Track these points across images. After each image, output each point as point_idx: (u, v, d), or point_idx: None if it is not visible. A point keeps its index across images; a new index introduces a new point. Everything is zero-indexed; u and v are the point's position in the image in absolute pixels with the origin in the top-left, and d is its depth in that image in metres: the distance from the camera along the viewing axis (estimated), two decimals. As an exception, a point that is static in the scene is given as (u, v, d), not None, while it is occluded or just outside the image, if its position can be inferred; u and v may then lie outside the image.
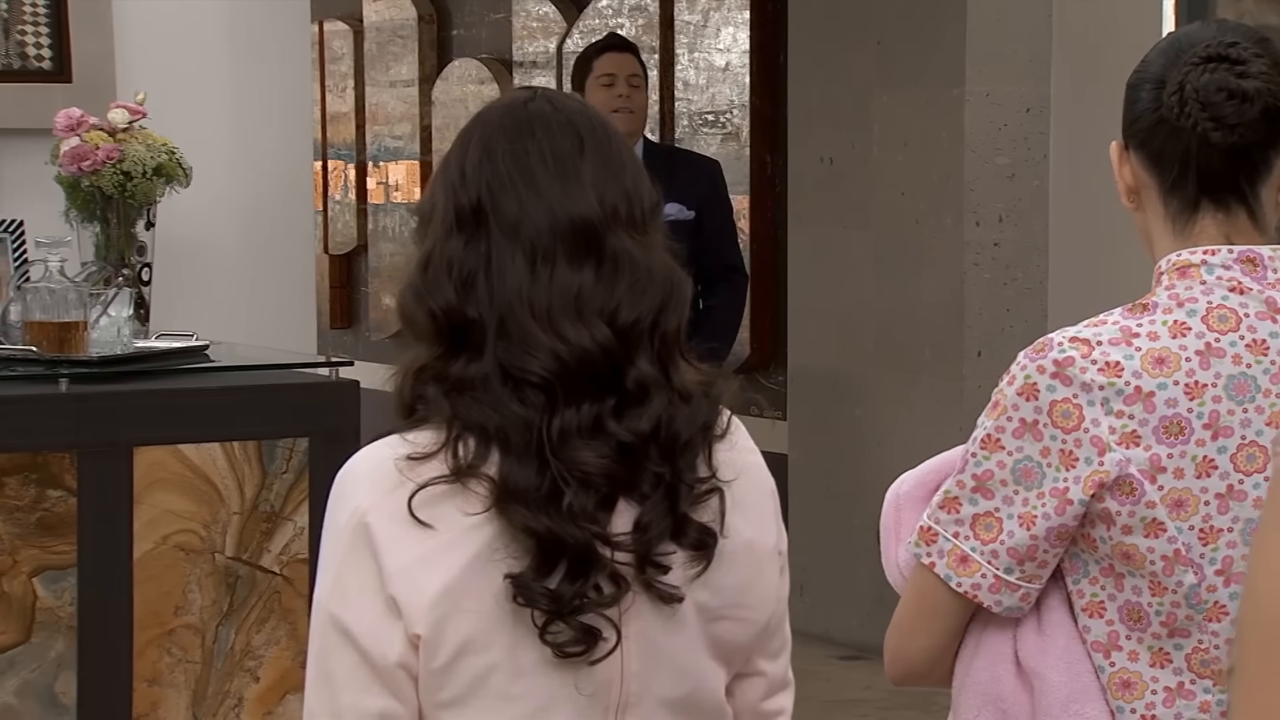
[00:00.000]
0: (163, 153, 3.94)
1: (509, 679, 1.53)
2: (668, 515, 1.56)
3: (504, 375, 1.53)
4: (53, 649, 3.37)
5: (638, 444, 1.54)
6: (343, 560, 1.53)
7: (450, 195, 1.58)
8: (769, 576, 1.67)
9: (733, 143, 5.97)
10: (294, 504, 3.61)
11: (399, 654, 1.52)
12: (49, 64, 4.48)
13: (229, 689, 3.57)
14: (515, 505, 1.51)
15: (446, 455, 1.53)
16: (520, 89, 1.66)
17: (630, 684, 1.58)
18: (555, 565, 1.52)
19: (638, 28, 6.23)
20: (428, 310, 1.56)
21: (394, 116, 7.34)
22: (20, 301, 3.57)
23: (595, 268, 1.56)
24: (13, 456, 3.32)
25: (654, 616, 1.58)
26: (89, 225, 3.95)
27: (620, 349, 1.55)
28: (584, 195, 1.57)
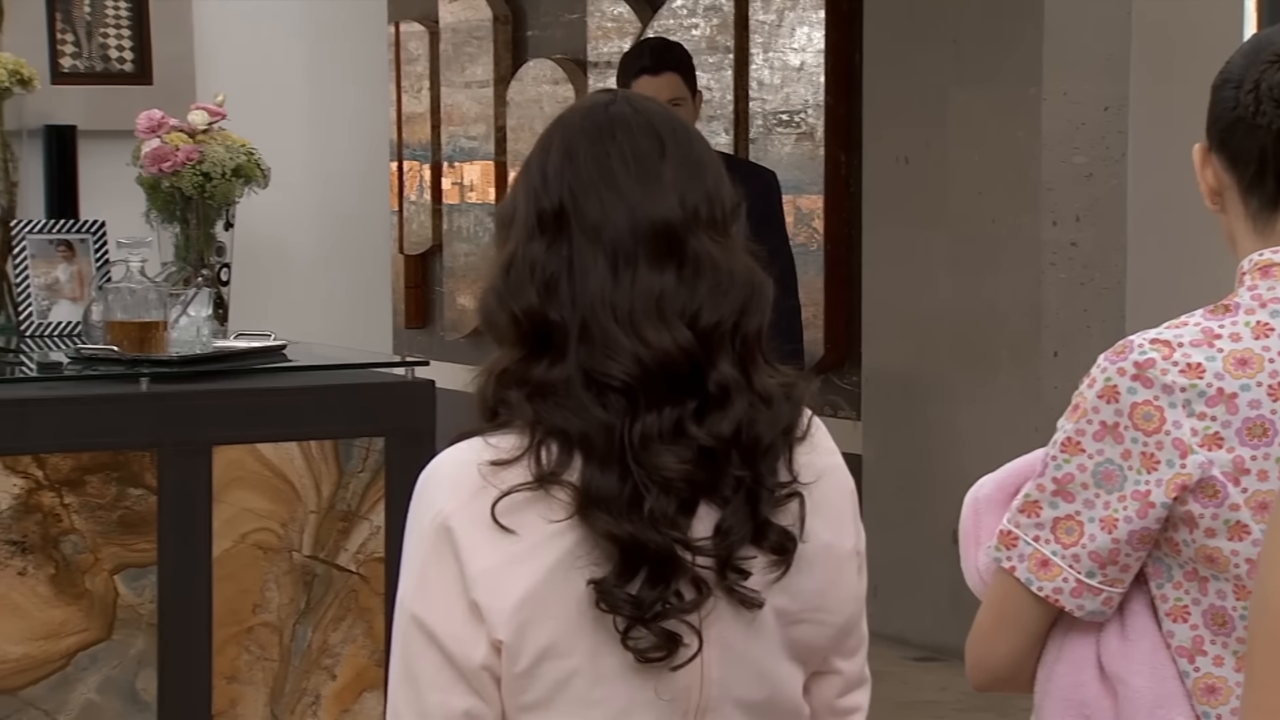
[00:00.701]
0: (241, 154, 3.97)
1: (590, 684, 1.54)
2: (748, 519, 1.56)
3: (586, 379, 1.53)
4: (134, 646, 3.40)
5: (719, 448, 1.54)
6: (425, 562, 1.54)
7: (532, 198, 1.58)
8: (847, 579, 1.66)
9: (807, 142, 5.96)
10: (370, 503, 3.63)
11: (482, 657, 1.52)
12: (130, 66, 4.53)
13: (306, 686, 3.59)
14: (597, 512, 1.51)
15: (529, 461, 1.53)
16: (600, 92, 1.66)
17: (710, 689, 1.58)
18: (637, 571, 1.51)
19: (712, 28, 6.22)
20: (510, 313, 1.56)
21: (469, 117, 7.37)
22: (102, 301, 3.60)
23: (676, 270, 1.56)
24: (95, 455, 3.35)
25: (734, 621, 1.57)
26: (169, 226, 3.99)
27: (702, 352, 1.54)
28: (665, 197, 1.57)
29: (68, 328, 4.02)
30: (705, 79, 6.26)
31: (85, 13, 4.48)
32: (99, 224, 4.13)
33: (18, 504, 3.29)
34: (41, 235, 4.08)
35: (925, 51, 5.56)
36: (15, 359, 3.88)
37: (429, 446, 3.65)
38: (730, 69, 6.16)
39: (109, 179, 4.21)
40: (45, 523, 3.32)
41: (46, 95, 4.30)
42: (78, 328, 3.91)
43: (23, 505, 3.30)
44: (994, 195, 5.42)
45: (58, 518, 3.32)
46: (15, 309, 4.10)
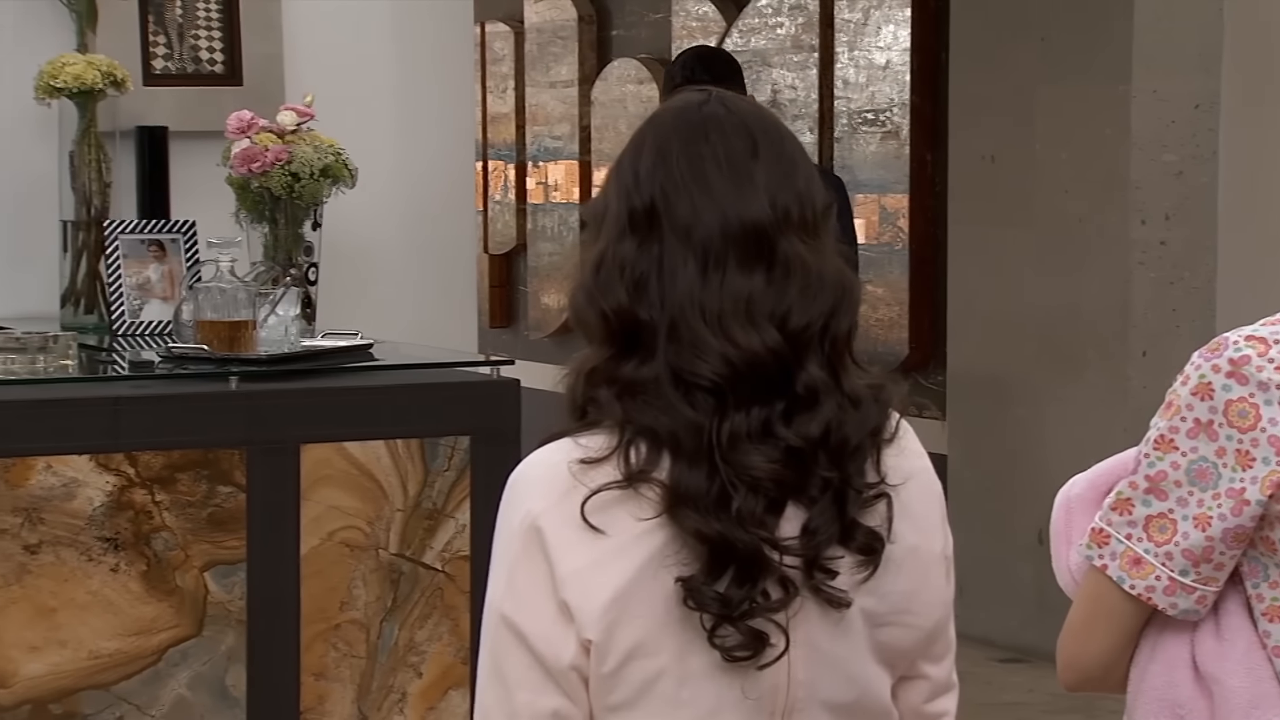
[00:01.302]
0: (329, 154, 3.99)
1: (677, 684, 1.54)
2: (836, 520, 1.55)
3: (674, 378, 1.53)
4: (223, 642, 3.43)
5: (807, 448, 1.54)
6: (515, 563, 1.54)
7: (624, 197, 1.58)
8: (935, 582, 1.66)
9: (892, 141, 5.93)
10: (455, 501, 3.65)
11: (571, 657, 1.52)
12: (221, 67, 4.57)
13: (393, 684, 3.61)
14: (686, 510, 1.51)
15: (619, 460, 1.53)
16: (694, 91, 1.65)
17: (796, 690, 1.57)
18: (725, 569, 1.51)
19: (797, 26, 6.20)
20: (599, 311, 1.56)
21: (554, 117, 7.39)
22: (192, 301, 3.64)
23: (766, 272, 1.55)
24: (185, 453, 3.39)
25: (821, 622, 1.57)
26: (258, 226, 4.02)
27: (790, 353, 1.54)
28: (757, 198, 1.56)
29: (159, 327, 4.06)
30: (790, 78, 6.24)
31: (177, 15, 4.53)
32: (189, 224, 4.17)
33: (110, 501, 3.33)
34: (133, 235, 4.12)
35: (1013, 49, 5.52)
36: (108, 358, 3.92)
37: (514, 445, 3.66)
38: (815, 68, 6.14)
39: (199, 179, 4.25)
40: (137, 520, 3.35)
41: (139, 96, 4.35)
42: (168, 327, 3.95)
43: (115, 503, 3.33)
44: (1081, 194, 5.37)
45: (149, 515, 3.36)
46: (108, 308, 4.14)
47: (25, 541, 3.28)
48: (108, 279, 4.13)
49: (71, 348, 3.54)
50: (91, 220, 4.23)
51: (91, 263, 4.23)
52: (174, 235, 4.17)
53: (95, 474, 3.31)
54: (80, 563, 3.31)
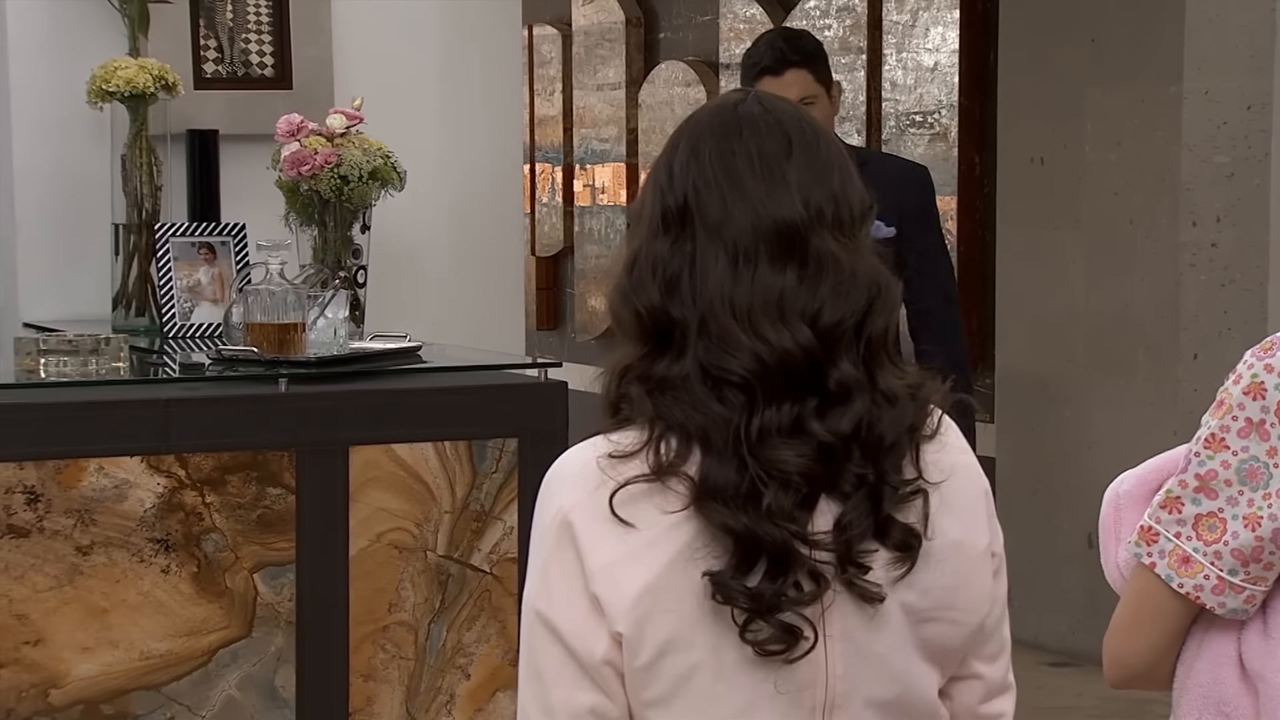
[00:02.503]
0: (378, 157, 4.01)
1: (713, 678, 1.54)
2: (869, 515, 1.56)
3: (704, 375, 1.54)
4: (273, 643, 3.45)
5: (838, 444, 1.54)
6: (548, 559, 1.55)
7: (658, 196, 1.59)
8: (980, 578, 1.65)
9: (940, 143, 5.91)
10: (503, 503, 3.65)
11: (604, 651, 1.53)
12: (271, 71, 4.60)
13: (441, 685, 3.62)
14: (714, 504, 1.52)
15: (648, 454, 1.54)
16: (733, 91, 1.66)
17: (836, 685, 1.57)
18: (754, 564, 1.52)
19: (845, 28, 6.20)
20: (633, 310, 1.57)
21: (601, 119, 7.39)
22: (242, 303, 3.65)
23: (798, 269, 1.56)
24: (235, 455, 3.40)
25: (857, 616, 1.57)
26: (307, 229, 4.04)
27: (822, 351, 1.54)
28: (789, 197, 1.57)
29: (209, 329, 4.08)
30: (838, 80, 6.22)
31: (228, 18, 4.55)
32: (239, 227, 4.20)
33: (161, 503, 3.35)
34: (184, 238, 4.15)
35: (1062, 50, 5.49)
36: (159, 360, 3.94)
37: (561, 447, 3.63)
38: (863, 70, 6.13)
39: (249, 182, 4.28)
40: (187, 521, 3.37)
41: (190, 100, 4.37)
42: (218, 329, 3.97)
43: (166, 504, 3.35)
44: (1131, 196, 5.34)
45: (199, 516, 3.38)
46: (158, 311, 4.17)
47: (77, 543, 3.30)
48: (158, 282, 4.15)
49: (123, 350, 3.56)
50: (142, 223, 4.26)
51: (142, 265, 4.26)
52: (224, 238, 4.19)
53: (146, 475, 3.33)
54: (131, 564, 3.33)
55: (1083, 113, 5.45)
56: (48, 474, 3.28)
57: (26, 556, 3.27)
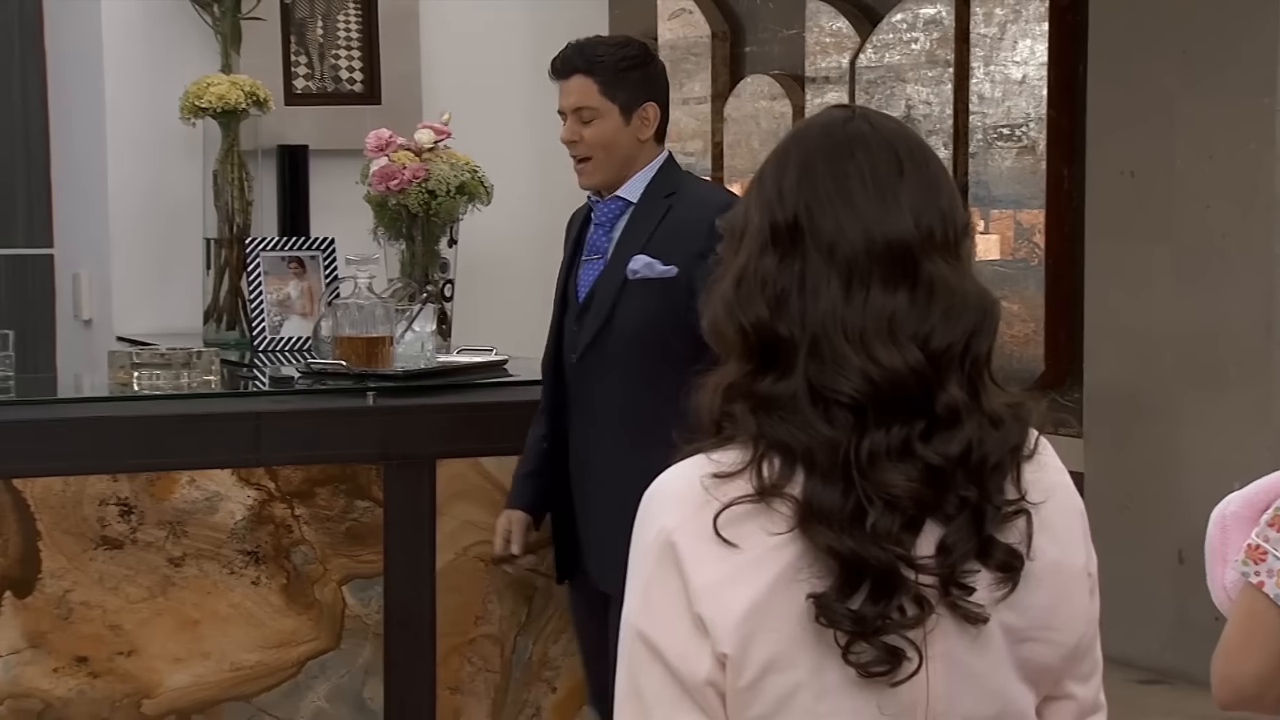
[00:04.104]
0: (466, 171, 4.02)
1: (814, 698, 1.53)
2: (973, 537, 1.54)
3: (813, 395, 1.53)
4: (361, 655, 3.46)
5: (946, 467, 1.53)
6: (650, 578, 1.54)
7: (766, 212, 1.58)
8: (1078, 598, 1.64)
9: (1028, 156, 5.86)
10: (590, 517, 3.65)
11: (707, 672, 1.52)
12: (360, 87, 4.63)
13: (527, 698, 3.62)
14: (819, 526, 1.51)
15: (751, 474, 1.53)
16: (837, 108, 1.65)
17: (936, 705, 1.56)
18: (858, 586, 1.51)
19: (932, 41, 6.16)
20: (738, 326, 1.56)
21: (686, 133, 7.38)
22: (331, 317, 3.68)
23: (909, 291, 1.55)
24: (324, 467, 3.42)
25: (960, 637, 1.56)
26: (395, 243, 4.06)
27: (932, 373, 1.53)
28: (902, 217, 1.56)
29: (298, 343, 4.11)
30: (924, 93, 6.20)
31: (318, 35, 4.59)
32: (329, 241, 4.23)
33: (251, 515, 3.37)
34: (274, 252, 4.18)
35: (1152, 62, 5.44)
36: (249, 373, 3.98)
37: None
38: (950, 83, 6.09)
39: (338, 197, 4.31)
40: (277, 533, 3.39)
41: (280, 116, 4.41)
42: (307, 342, 4.00)
43: (256, 516, 3.38)
44: (1223, 209, 5.28)
45: (289, 529, 3.40)
46: (249, 324, 4.21)
47: (169, 554, 3.33)
48: (249, 295, 4.19)
49: (214, 363, 3.59)
50: (233, 238, 4.30)
51: (233, 279, 4.30)
52: (313, 252, 4.22)
53: (237, 488, 3.36)
54: (222, 575, 3.36)
55: (1174, 125, 5.40)
56: (141, 486, 3.31)
57: (120, 568, 3.31)
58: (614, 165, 3.27)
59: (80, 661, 3.29)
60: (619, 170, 3.28)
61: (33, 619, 3.26)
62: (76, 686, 3.29)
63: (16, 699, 3.26)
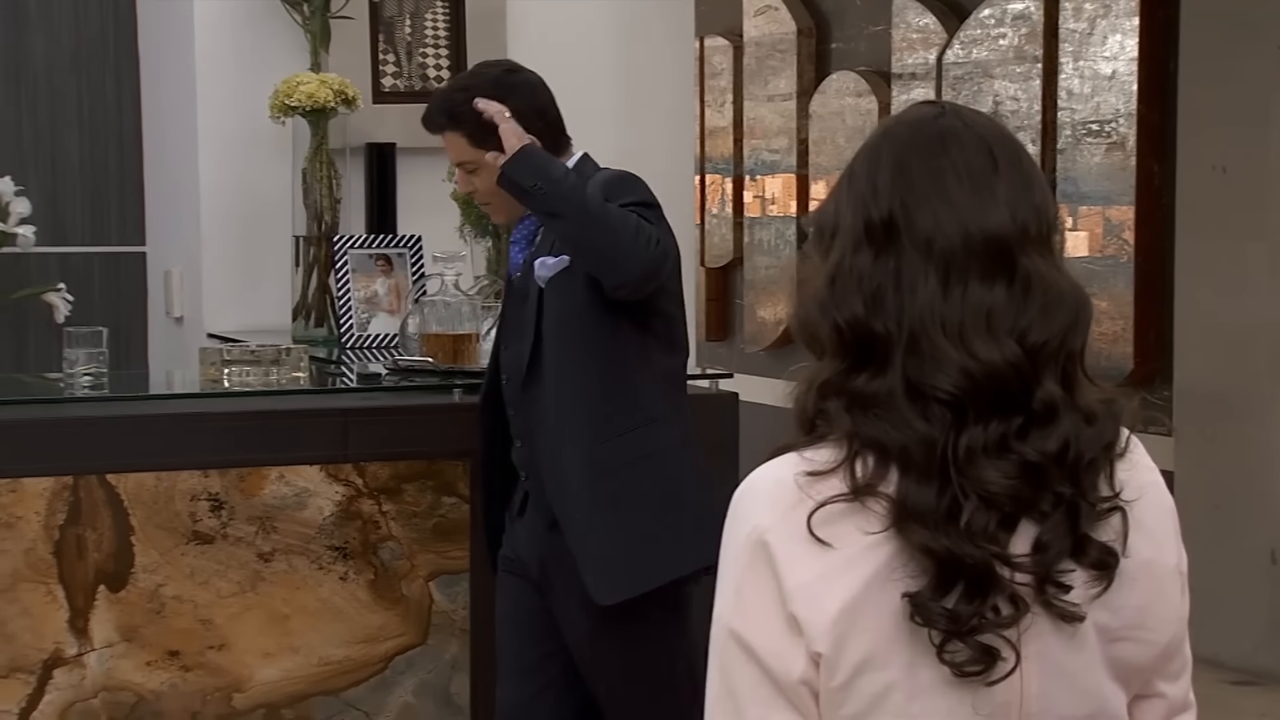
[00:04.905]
0: (552, 169, 4.02)
1: (908, 698, 1.52)
2: (1068, 535, 1.53)
3: (910, 391, 1.52)
4: (448, 651, 3.48)
5: (1043, 464, 1.52)
6: (742, 578, 1.54)
7: (859, 209, 1.57)
8: (1170, 597, 1.62)
9: (1118, 153, 5.81)
10: (675, 514, 3.64)
11: (801, 671, 1.52)
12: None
13: (613, 695, 3.62)
14: (914, 525, 1.50)
15: (845, 473, 1.52)
16: (925, 104, 1.64)
17: (1030, 705, 1.55)
18: (953, 585, 1.50)
19: (1020, 37, 6.11)
20: (833, 323, 1.55)
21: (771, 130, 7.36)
22: (418, 314, 3.70)
23: (1007, 286, 1.54)
24: (411, 464, 3.44)
25: (1055, 637, 1.55)
26: (482, 240, 4.07)
27: (1030, 368, 1.53)
28: (998, 212, 1.55)
29: (385, 340, 4.13)
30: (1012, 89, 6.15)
31: (406, 33, 4.62)
32: (416, 239, 4.24)
33: (339, 511, 3.40)
34: (362, 250, 4.21)
35: (1246, 57, 5.37)
36: (337, 370, 4.00)
37: (732, 458, 3.65)
38: (1038, 79, 6.04)
39: (425, 195, 4.33)
40: (365, 529, 3.41)
41: (368, 114, 4.44)
42: (394, 340, 4.02)
43: (344, 512, 3.40)
44: (1318, 205, 5.21)
45: (376, 525, 3.42)
46: (337, 321, 4.23)
47: (259, 549, 3.36)
48: (337, 293, 4.22)
49: (303, 360, 3.62)
50: (322, 235, 4.33)
51: (321, 277, 4.33)
52: (400, 250, 4.24)
53: (325, 484, 3.38)
54: (311, 571, 3.38)
55: (1268, 120, 5.33)
56: (231, 482, 3.34)
57: (211, 563, 3.34)
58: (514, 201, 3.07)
59: (172, 655, 3.33)
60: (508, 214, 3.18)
61: (126, 613, 3.30)
62: (168, 680, 3.33)
63: (111, 692, 3.30)
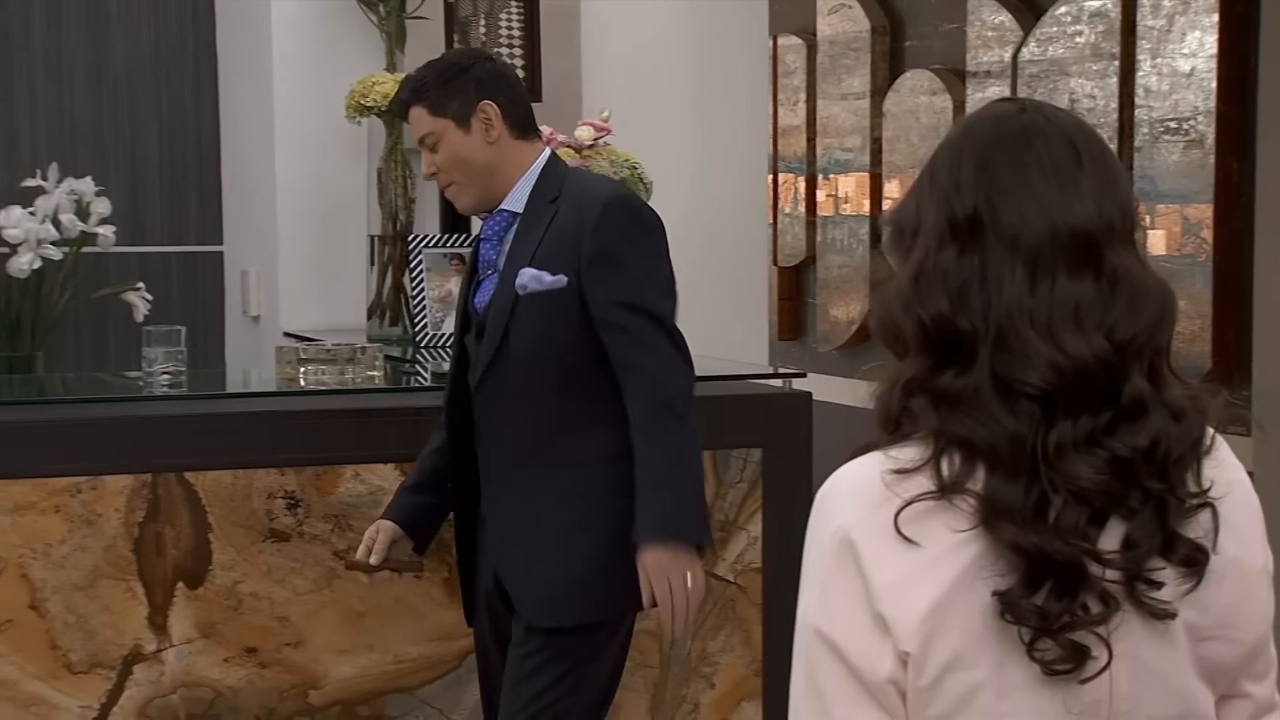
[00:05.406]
0: (625, 168, 4.04)
1: (996, 697, 1.51)
2: (1158, 531, 1.52)
3: (998, 387, 1.51)
4: (521, 648, 3.48)
5: (1134, 459, 1.51)
6: (828, 577, 1.53)
7: (943, 206, 1.57)
8: (1257, 596, 1.61)
9: (1196, 150, 5.75)
10: (748, 514, 3.64)
11: (889, 670, 1.51)
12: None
13: (686, 694, 3.62)
14: (1003, 522, 1.49)
15: (931, 470, 1.51)
16: (1004, 101, 1.63)
17: (1119, 705, 1.54)
18: (1043, 582, 1.49)
19: (1097, 34, 6.07)
20: (917, 321, 1.55)
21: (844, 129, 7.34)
22: (492, 313, 3.71)
23: (1094, 281, 1.54)
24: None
25: (1145, 635, 1.54)
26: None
27: (1119, 364, 1.52)
28: (1084, 206, 1.55)
29: (459, 339, 4.15)
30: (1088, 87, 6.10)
31: (480, 33, 4.64)
32: (489, 238, 4.26)
33: (414, 508, 3.41)
34: (436, 249, 4.22)
35: (1325, 53, 5.31)
36: (411, 369, 4.02)
37: (805, 458, 3.65)
38: (1115, 76, 5.99)
39: (500, 195, 4.34)
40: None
41: (442, 114, 4.46)
42: (469, 339, 4.03)
43: (419, 509, 3.41)
44: (1400, 203, 5.14)
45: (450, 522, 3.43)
46: (411, 320, 4.26)
47: (335, 547, 3.38)
48: (411, 292, 4.24)
49: (378, 359, 3.64)
50: (396, 234, 4.36)
51: (396, 276, 4.35)
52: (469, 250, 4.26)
53: (399, 482, 3.40)
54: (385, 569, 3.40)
55: (1348, 117, 5.27)
56: (307, 480, 3.36)
57: (287, 560, 3.36)
58: (477, 179, 2.99)
59: (249, 652, 3.35)
60: (486, 183, 3.00)
61: (204, 610, 3.33)
62: (246, 676, 3.35)
63: (189, 688, 3.33)
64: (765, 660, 3.65)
